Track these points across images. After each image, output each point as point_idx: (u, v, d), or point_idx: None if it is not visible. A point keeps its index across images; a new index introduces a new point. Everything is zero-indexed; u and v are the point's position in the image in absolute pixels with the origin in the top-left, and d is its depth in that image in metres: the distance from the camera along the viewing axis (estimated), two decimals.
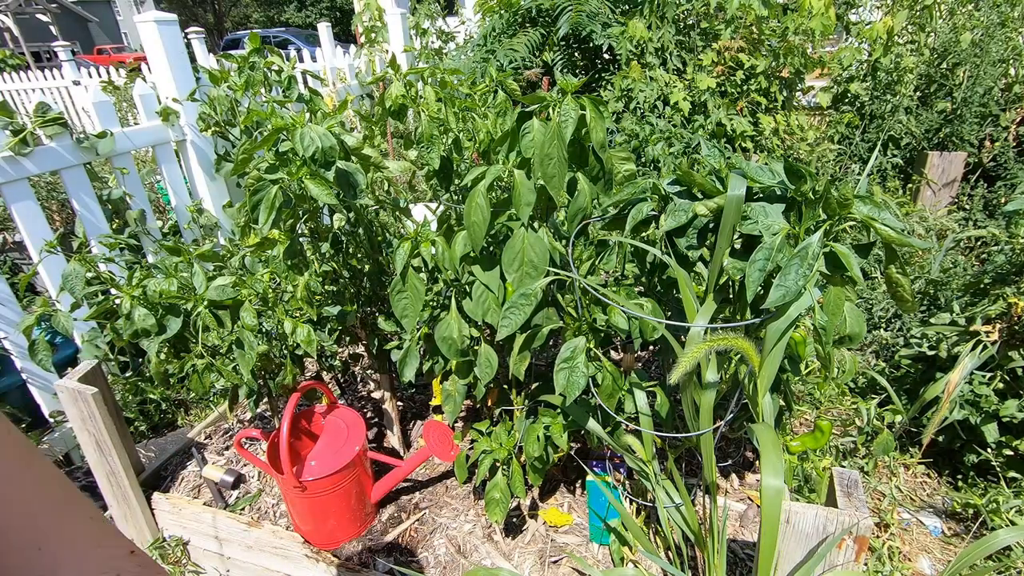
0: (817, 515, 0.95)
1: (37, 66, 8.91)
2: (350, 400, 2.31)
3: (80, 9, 24.66)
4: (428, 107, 1.50)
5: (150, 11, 2.42)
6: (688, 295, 1.10)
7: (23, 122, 1.83)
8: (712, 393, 1.10)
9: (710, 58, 3.09)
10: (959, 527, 1.72)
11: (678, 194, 1.11)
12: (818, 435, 1.31)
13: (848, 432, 1.98)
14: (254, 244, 1.50)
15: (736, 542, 1.62)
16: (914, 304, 1.03)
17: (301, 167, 1.29)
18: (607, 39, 3.22)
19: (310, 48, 6.05)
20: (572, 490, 1.79)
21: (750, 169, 1.02)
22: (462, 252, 1.31)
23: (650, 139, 2.99)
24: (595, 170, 1.26)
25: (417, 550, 1.65)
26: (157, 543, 1.73)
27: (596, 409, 1.41)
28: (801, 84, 3.35)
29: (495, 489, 1.47)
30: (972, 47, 3.23)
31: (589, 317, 1.30)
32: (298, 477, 1.49)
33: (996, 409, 1.66)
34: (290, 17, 30.38)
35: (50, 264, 1.95)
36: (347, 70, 3.99)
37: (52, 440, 2.03)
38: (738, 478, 1.82)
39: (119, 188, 2.26)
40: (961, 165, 3.28)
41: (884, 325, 2.36)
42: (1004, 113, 3.34)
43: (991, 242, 2.62)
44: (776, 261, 0.94)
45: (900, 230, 0.94)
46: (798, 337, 1.25)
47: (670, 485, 1.38)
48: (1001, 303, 1.72)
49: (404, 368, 1.52)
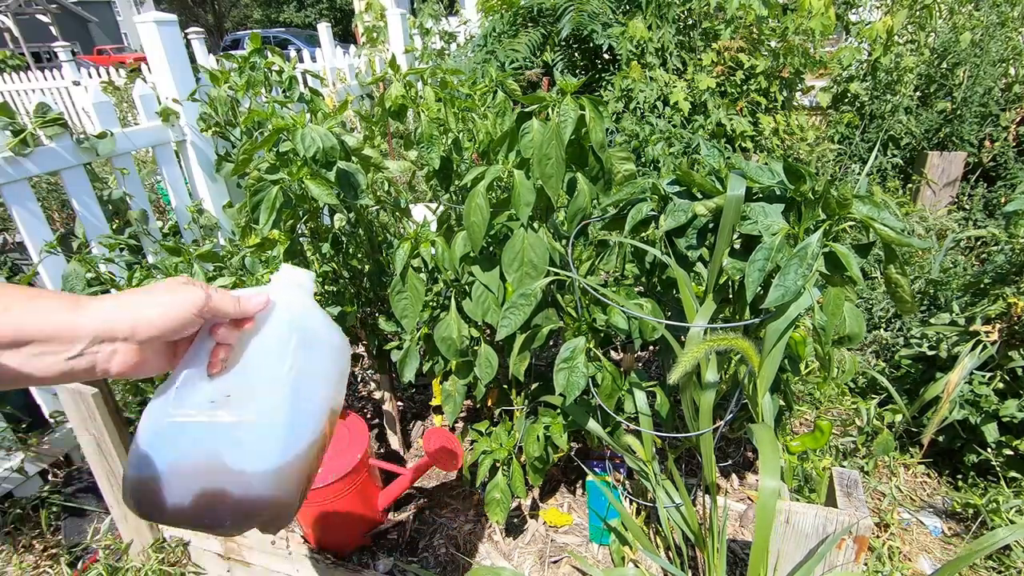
0: (817, 515, 0.95)
1: (37, 66, 8.91)
2: (350, 400, 2.31)
3: (80, 9, 24.65)
4: (428, 107, 1.50)
5: (150, 11, 2.43)
6: (688, 295, 1.10)
7: (23, 123, 1.83)
8: (712, 393, 1.10)
9: (710, 58, 3.09)
10: (959, 527, 1.72)
11: (678, 194, 1.11)
12: (818, 435, 1.31)
13: (848, 432, 1.98)
14: (254, 244, 1.50)
15: (736, 542, 1.62)
16: (913, 305, 1.03)
17: (302, 167, 1.29)
18: (607, 39, 3.22)
19: (310, 48, 6.04)
20: (572, 490, 1.79)
21: (750, 169, 1.02)
22: (462, 252, 1.31)
23: (650, 139, 2.99)
24: (594, 170, 1.26)
25: (417, 550, 1.66)
26: (157, 543, 1.73)
27: (596, 409, 1.41)
28: (801, 84, 3.35)
29: (495, 489, 1.47)
30: (972, 47, 3.22)
31: (589, 317, 1.30)
32: None
33: (996, 409, 1.66)
34: (290, 17, 30.37)
35: (50, 264, 1.95)
36: (347, 70, 3.99)
37: (52, 440, 2.03)
38: (738, 478, 1.82)
39: (119, 188, 2.26)
40: (961, 165, 3.28)
41: (884, 325, 2.36)
42: (1004, 113, 3.34)
43: (991, 242, 2.61)
44: (775, 261, 0.94)
45: (900, 230, 0.94)
46: (798, 337, 1.25)
47: (670, 485, 1.38)
48: (1001, 303, 1.72)
49: (404, 368, 1.52)
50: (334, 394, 0.66)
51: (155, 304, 0.51)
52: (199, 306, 0.52)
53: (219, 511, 0.56)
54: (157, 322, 0.51)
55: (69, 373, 0.48)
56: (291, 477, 0.60)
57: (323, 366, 0.64)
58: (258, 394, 0.58)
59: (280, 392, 0.59)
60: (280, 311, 0.61)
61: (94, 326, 0.48)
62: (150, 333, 0.51)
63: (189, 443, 0.56)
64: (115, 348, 0.50)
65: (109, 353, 0.50)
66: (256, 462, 0.57)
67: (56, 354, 0.47)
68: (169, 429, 0.56)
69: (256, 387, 0.58)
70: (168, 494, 0.55)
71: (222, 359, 0.56)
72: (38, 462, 1.99)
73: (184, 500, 0.55)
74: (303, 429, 0.61)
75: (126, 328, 0.49)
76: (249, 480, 0.57)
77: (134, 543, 1.75)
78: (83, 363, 0.48)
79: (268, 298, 0.60)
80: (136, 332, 0.50)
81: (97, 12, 30.16)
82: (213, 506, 0.56)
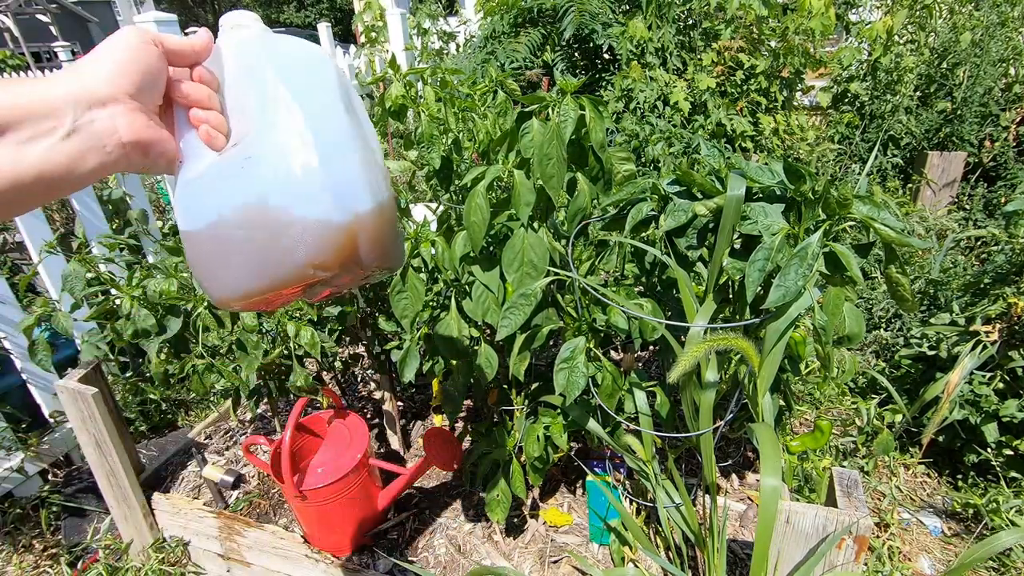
0: (817, 515, 0.95)
1: (37, 66, 8.90)
2: (350, 400, 2.31)
3: (80, 9, 24.61)
4: (428, 107, 1.50)
5: (150, 11, 2.43)
6: (688, 295, 1.10)
7: None
8: (712, 393, 1.10)
9: (710, 58, 3.09)
10: (959, 527, 1.72)
11: (678, 194, 1.11)
12: (818, 435, 1.31)
13: (848, 432, 1.98)
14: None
15: (736, 542, 1.62)
16: (914, 304, 1.03)
17: None
18: (608, 39, 3.22)
19: None
20: (572, 490, 1.79)
21: (750, 169, 1.02)
22: (462, 252, 1.31)
23: (650, 139, 2.99)
24: (595, 170, 1.26)
25: (417, 550, 1.66)
26: (157, 543, 1.73)
27: (596, 409, 1.41)
28: (801, 84, 3.35)
29: (495, 489, 1.47)
30: (972, 47, 3.22)
31: (589, 317, 1.30)
32: (299, 486, 1.48)
33: (996, 409, 1.66)
34: (290, 17, 30.37)
35: (50, 264, 1.95)
36: (347, 70, 3.99)
37: (52, 440, 2.03)
38: (738, 478, 1.82)
39: (119, 188, 2.27)
40: (961, 165, 3.28)
41: (884, 325, 2.36)
42: (1004, 113, 3.34)
43: (991, 242, 2.61)
44: (776, 261, 0.94)
45: (900, 230, 0.94)
46: (798, 337, 1.25)
47: (670, 485, 1.38)
48: (1001, 303, 1.72)
49: (404, 368, 1.52)
50: (351, 103, 0.60)
51: (114, 50, 0.48)
52: (150, 36, 0.49)
53: (292, 246, 0.51)
54: (128, 66, 0.47)
55: (81, 156, 0.45)
56: (349, 188, 0.54)
57: (316, 80, 0.58)
58: (266, 126, 0.53)
59: (286, 112, 0.53)
60: (237, 53, 0.55)
61: (66, 89, 0.44)
62: (130, 78, 0.47)
63: (227, 192, 0.52)
64: (110, 112, 0.46)
65: (108, 118, 0.46)
66: (301, 184, 0.51)
67: (49, 135, 0.43)
68: (199, 186, 0.52)
69: (260, 123, 0.53)
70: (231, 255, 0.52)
71: (211, 130, 0.53)
72: (38, 462, 1.99)
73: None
74: (336, 141, 0.55)
75: (102, 81, 0.46)
76: (304, 198, 0.51)
77: (134, 543, 1.76)
78: (88, 139, 0.45)
79: (207, 34, 0.54)
80: (114, 81, 0.47)
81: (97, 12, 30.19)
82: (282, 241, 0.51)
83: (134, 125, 0.48)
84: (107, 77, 0.47)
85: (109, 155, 0.47)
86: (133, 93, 0.48)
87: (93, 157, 0.46)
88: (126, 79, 0.47)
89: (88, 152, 0.45)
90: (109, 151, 0.46)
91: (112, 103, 0.46)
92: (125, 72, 0.48)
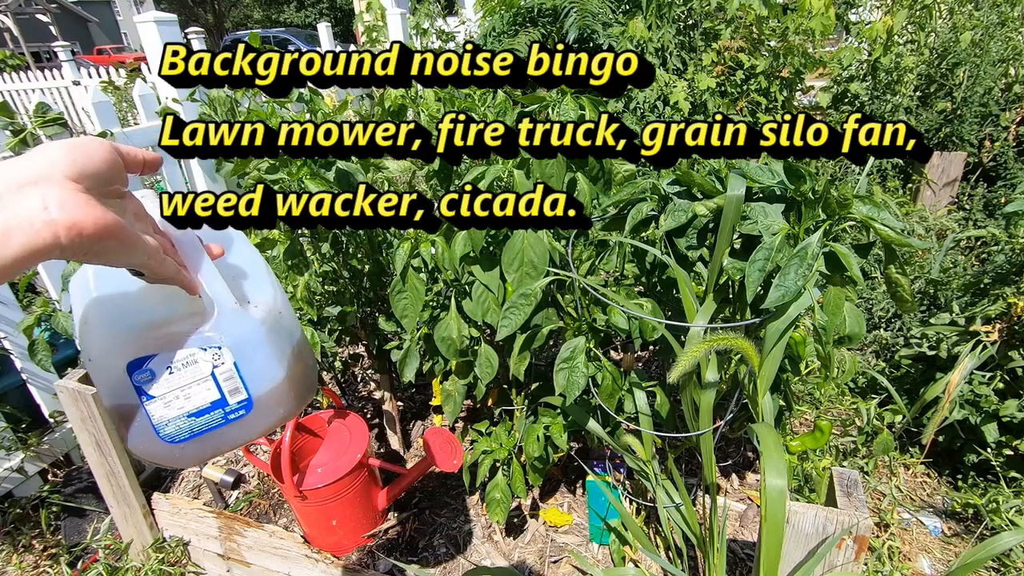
0: (817, 515, 0.95)
1: (37, 66, 8.90)
2: (350, 400, 2.31)
3: (80, 9, 24.67)
4: (428, 107, 1.50)
5: (150, 11, 2.43)
6: (688, 295, 1.10)
7: (23, 122, 1.83)
8: (712, 393, 1.10)
9: (710, 58, 3.09)
10: (959, 527, 1.72)
11: (678, 194, 1.11)
12: (818, 435, 1.31)
13: (848, 432, 1.98)
14: (254, 244, 1.50)
15: (736, 542, 1.62)
16: (914, 304, 1.03)
17: (301, 167, 1.29)
18: (608, 39, 3.22)
19: (310, 48, 6.04)
20: (572, 490, 1.79)
21: (750, 169, 1.02)
22: (462, 252, 1.31)
23: None
24: (595, 170, 1.26)
25: (417, 550, 1.65)
26: (157, 543, 1.73)
27: (596, 409, 1.41)
28: (801, 84, 3.35)
29: (496, 489, 1.47)
30: (972, 47, 3.22)
31: (589, 317, 1.30)
32: (299, 486, 1.48)
33: (996, 409, 1.66)
34: (290, 17, 30.38)
35: (50, 264, 1.95)
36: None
37: (52, 440, 2.03)
38: (738, 478, 1.82)
39: None
40: (961, 165, 3.28)
41: (884, 325, 2.36)
42: (1004, 113, 3.34)
43: (991, 242, 2.61)
44: (776, 261, 0.94)
45: (900, 230, 0.94)
46: (798, 337, 1.25)
47: (670, 485, 1.38)
48: (1001, 303, 1.72)
49: (404, 368, 1.52)
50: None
51: (50, 145, 0.45)
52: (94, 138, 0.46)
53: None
54: (66, 151, 0.44)
55: (4, 234, 0.40)
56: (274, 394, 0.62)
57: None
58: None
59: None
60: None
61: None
62: (69, 158, 0.44)
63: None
64: (41, 190, 0.42)
65: (39, 196, 0.42)
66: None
67: None
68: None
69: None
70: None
71: None
72: (38, 462, 1.99)
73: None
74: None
75: (37, 162, 0.43)
76: None
77: (134, 543, 1.75)
78: (12, 216, 0.41)
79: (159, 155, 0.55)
80: (52, 162, 0.43)
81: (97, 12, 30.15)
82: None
83: (68, 203, 0.43)
84: (43, 159, 0.43)
85: (38, 234, 0.41)
86: (72, 176, 0.44)
87: (19, 236, 0.41)
88: (64, 161, 0.44)
89: (13, 230, 0.41)
90: (38, 229, 0.41)
91: (44, 182, 0.42)
92: (62, 157, 0.44)
